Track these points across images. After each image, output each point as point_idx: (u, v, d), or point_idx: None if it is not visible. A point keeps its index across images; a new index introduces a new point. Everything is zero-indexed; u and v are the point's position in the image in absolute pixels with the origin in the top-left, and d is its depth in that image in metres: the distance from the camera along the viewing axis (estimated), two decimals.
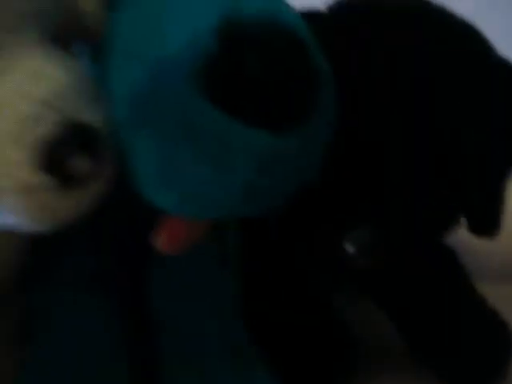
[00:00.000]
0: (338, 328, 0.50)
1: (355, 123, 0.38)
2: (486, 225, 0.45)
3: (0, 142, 0.29)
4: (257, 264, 0.49)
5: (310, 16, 0.43)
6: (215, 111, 0.28)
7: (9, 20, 0.31)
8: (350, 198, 0.40)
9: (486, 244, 0.49)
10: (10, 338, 0.45)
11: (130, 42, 0.33)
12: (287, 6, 0.34)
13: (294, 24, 0.32)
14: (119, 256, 0.45)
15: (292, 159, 0.30)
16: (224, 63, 0.28)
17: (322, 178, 0.35)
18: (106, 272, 0.45)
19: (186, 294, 0.45)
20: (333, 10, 0.44)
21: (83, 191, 0.32)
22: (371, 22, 0.40)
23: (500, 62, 0.42)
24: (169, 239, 0.35)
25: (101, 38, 0.36)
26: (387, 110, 0.39)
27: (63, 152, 0.29)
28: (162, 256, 0.36)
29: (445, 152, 0.39)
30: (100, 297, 0.44)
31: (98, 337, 0.43)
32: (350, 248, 0.38)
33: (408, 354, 0.51)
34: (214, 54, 0.29)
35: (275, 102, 0.29)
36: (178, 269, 0.44)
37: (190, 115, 0.29)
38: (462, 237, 0.49)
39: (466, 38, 0.40)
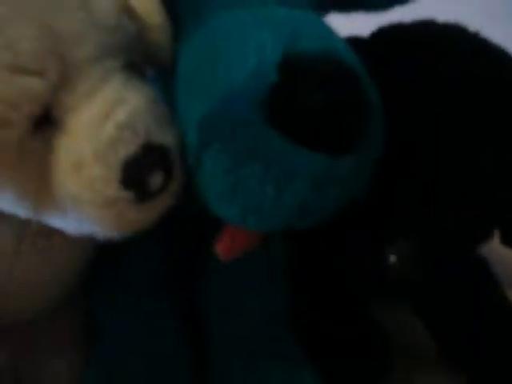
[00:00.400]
0: (376, 336, 0.52)
1: (396, 142, 0.41)
2: None
3: (86, 160, 0.33)
4: (304, 276, 0.52)
5: (355, 42, 0.46)
6: (278, 137, 0.32)
7: (93, 51, 0.35)
8: (392, 212, 0.42)
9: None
10: (77, 336, 0.49)
11: (199, 70, 0.36)
12: (339, 38, 0.38)
13: (347, 57, 0.35)
14: (181, 262, 0.49)
15: (343, 181, 0.34)
16: (286, 94, 0.32)
17: (367, 194, 0.38)
18: (168, 276, 0.48)
19: (240, 299, 0.48)
20: (375, 37, 0.47)
21: (155, 204, 0.36)
22: (411, 50, 0.43)
23: None
24: (229, 246, 0.39)
25: (171, 65, 0.40)
26: (425, 131, 0.41)
27: (141, 170, 0.34)
28: (219, 263, 0.40)
29: (478, 172, 0.41)
30: (162, 299, 0.47)
31: (159, 337, 0.46)
32: (391, 258, 0.41)
33: (443, 362, 0.53)
34: (277, 86, 0.32)
35: (331, 130, 0.32)
36: (233, 275, 0.47)
37: (256, 140, 0.32)
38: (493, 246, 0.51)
39: (502, 67, 0.42)
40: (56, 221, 0.37)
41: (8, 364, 0.46)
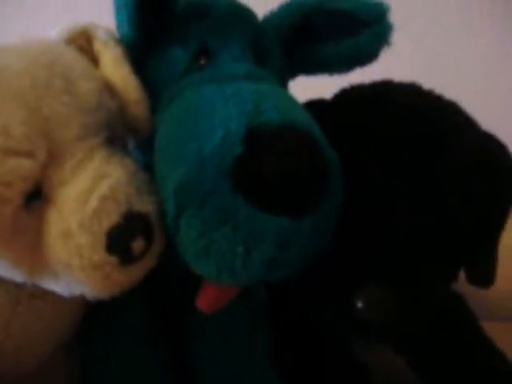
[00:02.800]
0: (358, 374, 0.55)
1: (359, 195, 0.44)
2: (485, 279, 0.50)
3: (74, 230, 0.37)
4: (282, 318, 0.54)
5: (319, 104, 0.50)
6: (244, 203, 0.35)
7: (78, 131, 0.38)
8: (356, 260, 0.44)
9: None
10: None
11: (172, 142, 0.40)
12: (300, 108, 0.42)
13: (307, 126, 0.38)
14: (164, 312, 0.52)
15: (307, 237, 0.37)
16: (249, 164, 0.35)
17: (332, 244, 0.41)
18: (155, 326, 0.51)
19: (223, 344, 0.51)
20: (338, 98, 0.51)
21: (139, 266, 0.39)
22: (370, 110, 0.46)
23: None
24: (209, 300, 0.42)
25: (149, 134, 0.44)
26: (388, 184, 0.44)
27: (124, 237, 0.37)
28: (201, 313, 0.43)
29: (446, 224, 0.44)
30: (150, 348, 0.50)
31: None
32: (358, 304, 0.43)
33: None
34: (241, 156, 0.36)
35: (293, 195, 0.35)
36: (215, 323, 0.50)
37: (224, 206, 0.35)
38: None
39: (454, 123, 0.46)
40: (49, 284, 0.40)
41: None
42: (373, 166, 0.44)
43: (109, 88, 0.43)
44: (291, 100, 0.42)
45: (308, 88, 0.52)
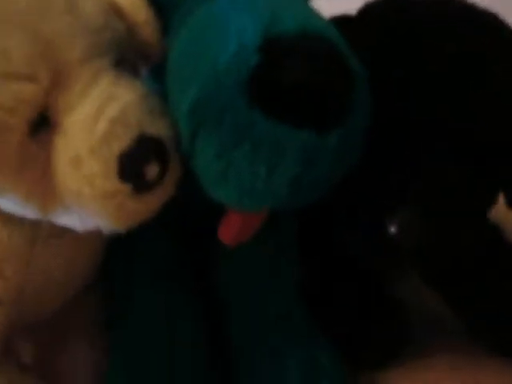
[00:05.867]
0: (390, 302, 0.53)
1: (391, 112, 0.41)
2: None
3: (83, 156, 0.35)
4: (312, 250, 0.52)
5: (341, 20, 0.46)
6: (264, 117, 0.32)
7: (82, 53, 0.36)
8: (387, 180, 0.42)
9: None
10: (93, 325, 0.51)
11: (185, 61, 0.37)
12: (319, 17, 0.38)
13: (327, 34, 0.35)
14: (190, 246, 0.50)
15: (333, 153, 0.34)
16: (268, 75, 0.32)
17: (363, 165, 0.38)
18: (180, 260, 0.50)
19: (252, 280, 0.50)
20: (360, 15, 0.47)
21: (154, 194, 0.37)
22: (395, 24, 0.43)
23: None
24: (232, 230, 0.40)
25: (160, 59, 0.41)
26: (421, 99, 0.41)
27: (137, 162, 0.35)
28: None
29: (482, 137, 0.41)
30: (176, 283, 0.49)
31: (176, 320, 0.47)
32: (392, 229, 0.41)
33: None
34: (258, 67, 0.32)
35: (317, 105, 0.32)
36: (243, 257, 0.49)
37: (242, 122, 0.33)
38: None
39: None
40: (62, 218, 0.39)
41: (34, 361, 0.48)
42: (400, 82, 0.41)
43: (116, 9, 0.40)
44: (309, 9, 0.39)
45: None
